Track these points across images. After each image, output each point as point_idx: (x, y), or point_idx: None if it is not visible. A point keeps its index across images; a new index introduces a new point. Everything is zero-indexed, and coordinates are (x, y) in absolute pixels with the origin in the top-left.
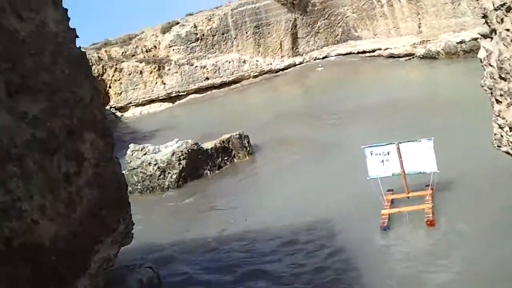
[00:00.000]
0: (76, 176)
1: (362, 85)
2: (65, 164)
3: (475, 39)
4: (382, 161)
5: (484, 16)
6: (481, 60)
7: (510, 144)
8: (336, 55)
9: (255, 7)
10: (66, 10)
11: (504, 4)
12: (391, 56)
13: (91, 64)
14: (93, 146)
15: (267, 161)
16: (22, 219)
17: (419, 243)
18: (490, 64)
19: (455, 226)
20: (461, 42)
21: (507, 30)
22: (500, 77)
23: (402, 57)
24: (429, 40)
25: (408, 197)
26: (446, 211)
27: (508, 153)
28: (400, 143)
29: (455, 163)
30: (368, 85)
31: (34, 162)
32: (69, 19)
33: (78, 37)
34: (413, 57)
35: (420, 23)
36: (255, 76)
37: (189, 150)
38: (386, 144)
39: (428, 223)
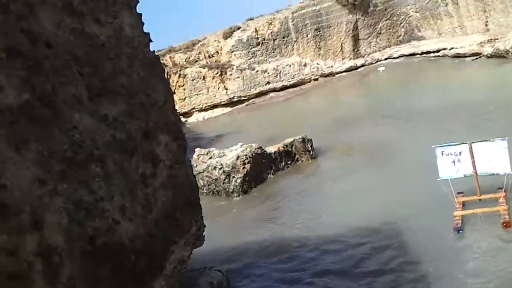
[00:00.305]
0: (152, 177)
1: (425, 86)
2: (142, 165)
3: None
4: (454, 161)
5: None
6: None
7: None
8: (398, 56)
9: (315, 9)
10: (141, 15)
11: None
12: (457, 56)
13: None
14: (167, 148)
15: (331, 164)
16: (104, 218)
17: (496, 243)
18: None
19: None
20: None
21: None
22: None
23: (468, 56)
24: (497, 39)
25: (480, 199)
26: None
27: None
28: (473, 142)
29: None
30: (432, 86)
31: (115, 163)
32: (143, 23)
33: (152, 41)
34: (480, 57)
35: (487, 21)
36: (315, 80)
37: (253, 154)
38: (458, 144)
39: (505, 224)
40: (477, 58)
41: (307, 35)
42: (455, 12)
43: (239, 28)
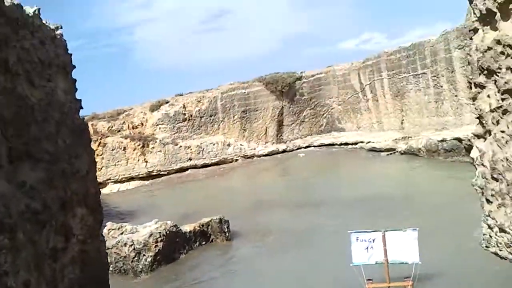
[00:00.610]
0: (63, 252)
1: (342, 176)
2: (54, 238)
3: (456, 138)
4: (367, 248)
5: (480, 117)
6: (473, 159)
7: (498, 245)
8: (319, 145)
9: (245, 92)
10: (75, 80)
11: (500, 106)
12: (373, 149)
13: None
14: (83, 221)
15: (246, 248)
16: None
17: None
18: (483, 164)
19: None
20: (442, 141)
21: (502, 131)
22: (492, 177)
23: (383, 151)
24: (410, 137)
25: (389, 287)
26: None
27: (496, 254)
28: (386, 231)
29: (437, 257)
30: (347, 177)
31: (25, 234)
32: (76, 89)
33: (82, 108)
34: (394, 152)
35: (403, 120)
36: (237, 161)
37: (167, 232)
38: (373, 231)
39: None
40: (391, 154)
41: (233, 116)
42: (375, 109)
43: (167, 102)
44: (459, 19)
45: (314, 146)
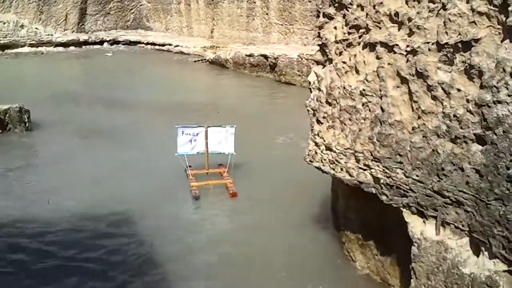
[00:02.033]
0: None
1: (154, 80)
2: None
3: (263, 55)
4: (191, 140)
5: (323, 45)
6: (309, 83)
7: (323, 161)
8: (124, 41)
9: None
10: None
11: (346, 39)
12: (181, 52)
13: None
14: None
15: (53, 141)
16: None
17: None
18: (319, 89)
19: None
20: (249, 55)
21: (344, 62)
22: (327, 102)
23: (191, 56)
24: (219, 47)
25: (207, 173)
26: (241, 185)
27: (319, 168)
28: (209, 126)
29: (249, 151)
30: (160, 81)
31: None
32: None
33: None
34: (203, 60)
35: (213, 29)
36: (31, 45)
37: None
38: (197, 126)
39: (232, 194)
40: (199, 61)
41: None
42: (186, 13)
43: None
44: None
45: (120, 42)
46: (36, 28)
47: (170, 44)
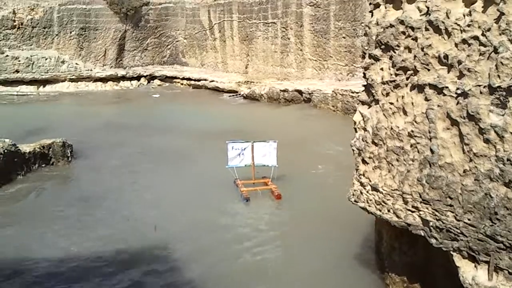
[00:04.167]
0: None
1: (201, 112)
2: None
3: (297, 90)
4: (239, 154)
5: (368, 86)
6: (354, 123)
7: (369, 201)
8: (160, 76)
9: (85, 8)
10: None
11: (393, 81)
12: (216, 89)
13: None
14: None
15: (89, 171)
16: None
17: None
18: (364, 129)
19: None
20: (284, 91)
21: (391, 103)
22: (373, 142)
23: (226, 92)
24: (253, 82)
25: (253, 183)
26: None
27: (364, 209)
28: (255, 142)
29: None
30: (205, 113)
31: None
32: None
33: None
34: (237, 95)
35: (247, 64)
36: (71, 80)
37: (5, 151)
38: (244, 142)
39: (277, 196)
40: (234, 96)
41: (71, 32)
42: (221, 49)
43: None
44: None
45: (156, 77)
46: (76, 63)
47: (205, 79)
